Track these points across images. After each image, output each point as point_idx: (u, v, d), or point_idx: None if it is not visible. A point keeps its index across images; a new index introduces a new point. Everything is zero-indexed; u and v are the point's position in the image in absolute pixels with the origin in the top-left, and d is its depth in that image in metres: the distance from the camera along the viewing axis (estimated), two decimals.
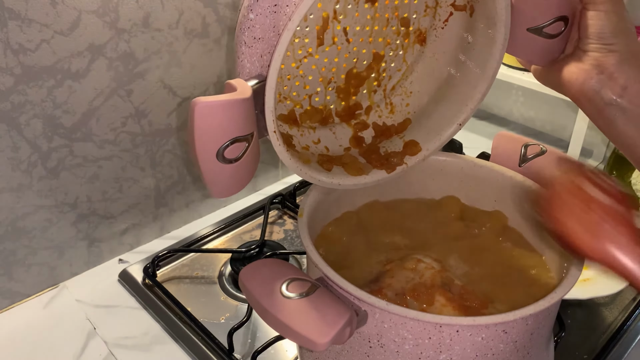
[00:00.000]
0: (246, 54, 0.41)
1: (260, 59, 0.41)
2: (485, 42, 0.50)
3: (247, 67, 0.41)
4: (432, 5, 0.54)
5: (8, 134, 0.60)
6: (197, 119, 0.36)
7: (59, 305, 0.69)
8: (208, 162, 0.38)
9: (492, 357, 0.41)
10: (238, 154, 0.40)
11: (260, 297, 0.39)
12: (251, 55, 0.41)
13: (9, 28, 0.56)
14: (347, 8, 0.49)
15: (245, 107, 0.39)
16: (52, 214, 0.67)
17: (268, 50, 0.41)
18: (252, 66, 0.41)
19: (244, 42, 0.41)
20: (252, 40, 0.40)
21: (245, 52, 0.41)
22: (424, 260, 0.50)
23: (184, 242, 0.78)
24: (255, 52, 0.41)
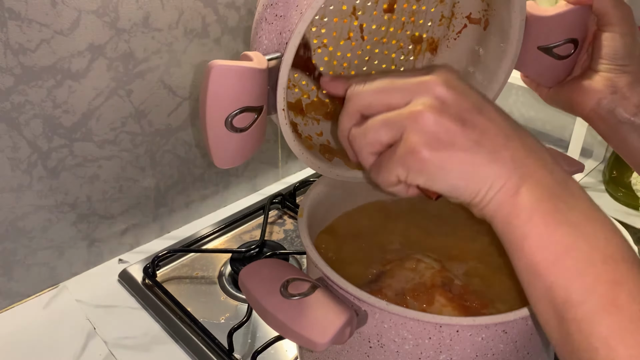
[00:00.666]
0: (265, 31, 0.41)
1: (279, 36, 0.40)
2: (496, 55, 0.51)
3: (264, 44, 0.41)
4: (447, 15, 0.54)
5: (8, 134, 0.60)
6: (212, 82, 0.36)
7: (59, 305, 0.69)
8: (216, 128, 0.38)
9: (492, 357, 0.41)
10: (246, 124, 0.39)
11: (260, 297, 0.39)
12: (270, 32, 0.40)
13: (9, 28, 0.56)
14: (367, 5, 0.49)
15: (260, 78, 0.38)
16: (52, 214, 0.67)
17: (288, 27, 0.40)
18: (270, 43, 0.41)
19: (265, 19, 0.40)
20: (273, 17, 0.40)
21: (265, 29, 0.41)
22: (424, 260, 0.50)
23: (184, 242, 0.78)
24: (274, 29, 0.40)
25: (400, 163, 0.34)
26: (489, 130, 0.33)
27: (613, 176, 0.91)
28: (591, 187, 0.93)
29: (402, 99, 0.35)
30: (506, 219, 0.33)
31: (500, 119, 0.35)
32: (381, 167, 0.36)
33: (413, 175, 0.34)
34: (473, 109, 0.34)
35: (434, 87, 0.34)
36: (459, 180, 0.33)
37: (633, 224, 0.82)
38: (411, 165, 0.34)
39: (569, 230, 0.32)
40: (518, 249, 0.33)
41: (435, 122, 0.33)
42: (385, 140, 0.35)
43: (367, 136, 0.36)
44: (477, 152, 0.33)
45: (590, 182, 0.94)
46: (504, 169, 0.33)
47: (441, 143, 0.33)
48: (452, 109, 0.33)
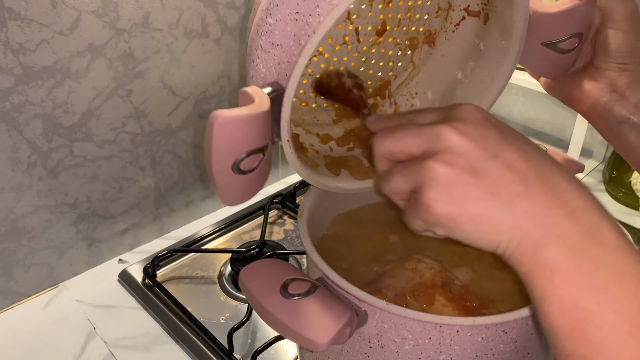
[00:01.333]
0: (262, 59, 0.40)
1: (278, 66, 0.39)
2: (498, 51, 0.50)
3: (262, 72, 0.40)
4: (444, 7, 0.53)
5: (8, 134, 0.60)
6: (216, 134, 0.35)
7: (59, 305, 0.69)
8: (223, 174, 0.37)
9: (492, 357, 0.41)
10: (253, 165, 0.39)
11: (260, 297, 0.39)
12: (267, 60, 0.40)
13: (9, 28, 0.56)
14: (361, 8, 0.49)
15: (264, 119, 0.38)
16: (52, 214, 0.67)
17: (287, 58, 0.39)
18: (268, 72, 0.40)
19: (260, 47, 0.39)
20: (269, 45, 0.39)
21: (262, 57, 0.40)
22: (424, 260, 0.50)
23: (184, 242, 0.78)
24: (272, 58, 0.39)
25: (417, 216, 0.34)
26: (504, 178, 0.32)
27: (613, 176, 0.91)
28: (591, 187, 0.93)
29: (418, 147, 0.34)
30: (527, 275, 0.32)
31: (520, 161, 0.32)
32: (407, 215, 0.36)
33: (432, 227, 0.34)
34: (487, 155, 0.32)
35: (445, 135, 0.33)
36: (476, 233, 0.32)
37: (633, 224, 0.82)
38: (427, 219, 0.33)
39: (593, 294, 0.30)
40: (540, 308, 0.32)
41: (445, 174, 0.32)
42: (406, 190, 0.35)
43: (390, 185, 0.36)
44: (491, 204, 0.32)
45: (590, 182, 0.94)
46: (521, 222, 0.31)
47: (452, 197, 0.32)
48: (464, 158, 0.32)
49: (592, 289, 0.30)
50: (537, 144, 0.56)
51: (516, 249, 0.32)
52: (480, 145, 0.33)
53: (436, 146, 0.33)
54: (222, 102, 0.79)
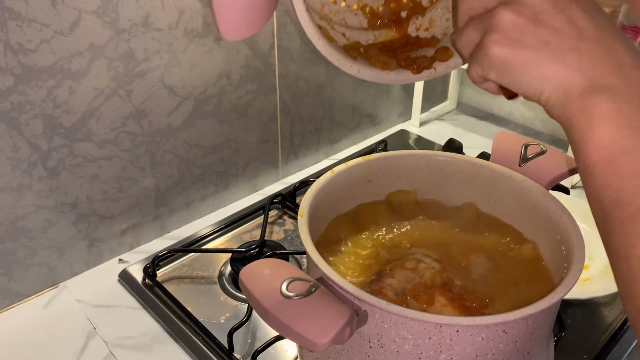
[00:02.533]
0: None
1: None
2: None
3: None
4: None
5: (8, 134, 0.60)
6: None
7: (59, 305, 0.69)
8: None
9: (492, 357, 0.41)
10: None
11: (260, 297, 0.39)
12: None
13: (9, 28, 0.56)
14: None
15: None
16: (52, 214, 0.67)
17: None
18: None
19: None
20: None
21: None
22: (424, 260, 0.50)
23: (184, 242, 0.78)
24: None
25: (475, 60, 0.36)
26: (561, 30, 0.34)
27: None
28: None
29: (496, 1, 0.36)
30: (569, 122, 0.34)
31: (582, 19, 0.34)
32: (468, 65, 0.38)
33: (486, 71, 0.36)
34: (553, 9, 0.34)
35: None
36: (523, 79, 0.34)
37: None
38: (482, 61, 0.36)
39: (629, 133, 0.32)
40: (578, 152, 0.34)
41: (509, 21, 0.34)
42: (475, 40, 0.37)
43: (461, 37, 0.38)
44: (543, 52, 0.33)
45: None
46: (568, 70, 0.33)
47: (510, 40, 0.34)
48: (531, 9, 0.34)
49: (630, 129, 0.32)
50: (537, 143, 0.56)
51: (560, 97, 0.34)
52: (551, 1, 0.34)
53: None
54: (222, 102, 0.79)
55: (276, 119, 0.88)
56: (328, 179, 0.54)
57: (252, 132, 0.85)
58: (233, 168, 0.85)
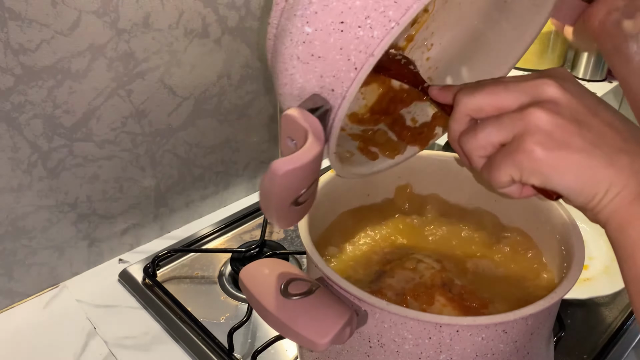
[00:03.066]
0: (299, 69, 0.36)
1: (320, 79, 0.36)
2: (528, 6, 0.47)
3: (299, 83, 0.37)
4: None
5: (8, 134, 0.60)
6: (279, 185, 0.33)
7: (59, 305, 0.69)
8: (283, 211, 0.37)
9: (492, 357, 0.41)
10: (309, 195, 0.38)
11: (260, 297, 0.39)
12: (306, 72, 0.36)
13: (9, 28, 0.56)
14: None
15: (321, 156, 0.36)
16: (52, 214, 0.67)
17: (332, 72, 0.35)
18: (307, 84, 0.37)
19: (297, 57, 0.36)
20: (308, 56, 0.36)
21: (299, 67, 0.36)
22: (424, 261, 0.50)
23: (184, 242, 0.78)
24: (312, 70, 0.36)
25: (513, 163, 0.33)
26: (605, 133, 0.33)
27: None
28: None
29: (514, 100, 0.34)
30: (620, 226, 0.33)
31: (618, 122, 0.33)
32: (493, 167, 0.35)
33: (527, 175, 0.33)
34: (588, 111, 0.33)
35: (547, 88, 0.33)
36: (575, 183, 0.32)
37: None
38: (525, 165, 0.33)
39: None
40: (629, 259, 0.32)
41: (549, 121, 0.32)
42: (496, 141, 0.34)
43: (477, 138, 0.35)
44: (594, 155, 0.32)
45: None
46: (622, 174, 0.32)
47: (556, 142, 0.32)
48: (567, 110, 0.33)
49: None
50: None
51: (611, 202, 0.32)
52: (582, 102, 0.33)
53: (538, 97, 0.33)
54: (222, 102, 0.79)
55: (276, 119, 0.88)
56: (328, 179, 0.54)
57: (252, 132, 0.85)
58: (233, 168, 0.85)
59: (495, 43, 0.50)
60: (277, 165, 0.32)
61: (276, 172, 0.32)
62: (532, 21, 0.47)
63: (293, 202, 0.36)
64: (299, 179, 0.35)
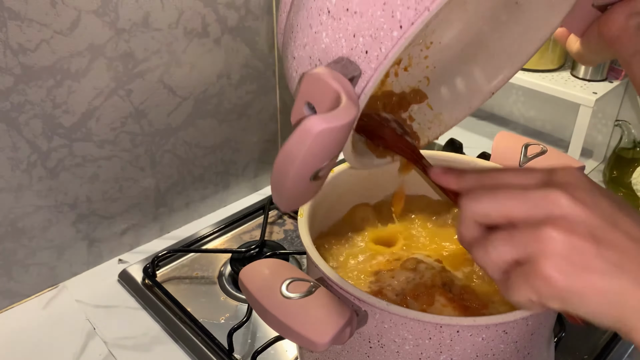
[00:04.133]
0: (327, 27, 0.32)
1: (352, 38, 0.31)
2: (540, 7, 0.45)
3: (324, 43, 0.32)
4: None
5: (7, 134, 0.60)
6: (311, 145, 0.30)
7: (58, 305, 0.69)
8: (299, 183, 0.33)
9: (492, 357, 0.41)
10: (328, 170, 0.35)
11: (260, 297, 0.39)
12: (336, 29, 0.32)
13: (9, 28, 0.56)
14: None
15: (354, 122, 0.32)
16: (52, 214, 0.67)
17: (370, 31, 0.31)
18: (334, 44, 0.32)
19: (327, 11, 0.32)
20: (342, 11, 0.31)
21: (327, 24, 0.32)
22: (424, 261, 0.50)
23: (184, 242, 0.78)
24: (344, 28, 0.31)
25: (530, 288, 0.31)
26: (629, 250, 0.30)
27: (613, 176, 0.90)
28: None
29: (524, 212, 0.32)
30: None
31: (637, 230, 0.31)
32: (511, 288, 0.32)
33: (546, 300, 0.31)
34: (605, 224, 0.30)
35: (559, 201, 0.31)
36: (600, 307, 0.30)
37: None
38: (543, 292, 0.30)
39: None
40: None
41: (565, 243, 0.30)
42: (509, 259, 0.32)
43: (489, 255, 0.32)
44: (619, 278, 0.29)
45: None
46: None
47: (575, 267, 0.29)
48: (582, 226, 0.30)
49: None
50: (537, 143, 0.56)
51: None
52: (597, 214, 0.31)
53: (549, 212, 0.31)
54: (222, 102, 0.78)
55: (276, 119, 0.88)
56: (328, 178, 0.54)
57: (252, 132, 0.85)
58: (233, 168, 0.85)
59: (500, 46, 0.48)
60: (312, 122, 0.28)
61: (311, 130, 0.29)
62: (545, 24, 0.46)
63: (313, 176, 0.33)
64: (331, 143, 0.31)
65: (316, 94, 0.31)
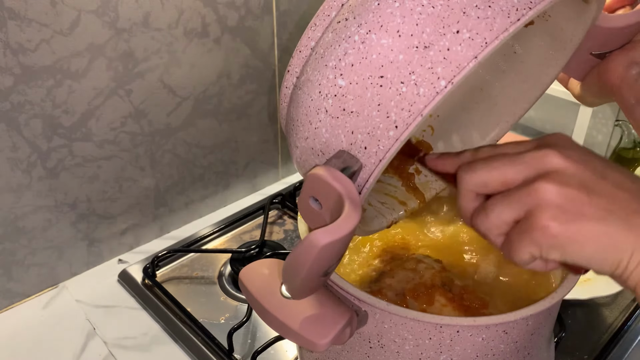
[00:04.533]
0: (326, 124, 0.33)
1: (350, 135, 0.33)
2: (540, 58, 0.46)
3: (324, 137, 0.34)
4: None
5: (7, 134, 0.60)
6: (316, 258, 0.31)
7: (58, 305, 0.69)
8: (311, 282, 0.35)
9: (492, 357, 0.41)
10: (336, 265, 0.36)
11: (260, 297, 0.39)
12: (335, 127, 0.33)
13: (9, 28, 0.56)
14: None
15: None
16: (52, 214, 0.67)
17: (367, 129, 0.32)
18: (334, 139, 0.34)
19: (325, 110, 0.33)
20: (339, 110, 0.33)
21: (325, 121, 0.33)
22: (424, 261, 0.50)
23: (184, 242, 0.78)
24: (342, 125, 0.33)
25: (530, 241, 0.32)
26: (617, 196, 0.32)
27: None
28: None
29: (518, 174, 0.33)
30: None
31: (628, 182, 0.32)
32: (512, 247, 0.33)
33: (546, 252, 0.32)
34: (595, 176, 0.32)
35: (551, 158, 0.33)
36: (596, 253, 0.31)
37: None
38: (542, 242, 0.32)
39: None
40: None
41: (559, 194, 0.31)
42: (509, 220, 0.33)
43: (489, 219, 0.34)
44: (611, 221, 0.31)
45: None
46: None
47: (569, 215, 0.31)
48: (573, 178, 0.32)
49: None
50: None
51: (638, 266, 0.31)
52: (588, 167, 0.32)
53: (542, 169, 0.32)
54: (222, 102, 0.78)
55: (276, 119, 0.88)
56: None
57: (252, 132, 0.85)
58: (233, 168, 0.85)
59: (500, 94, 0.49)
60: (316, 237, 0.30)
61: (316, 245, 0.30)
62: (543, 74, 0.47)
63: (323, 274, 0.34)
64: (336, 250, 0.33)
65: (320, 192, 0.33)
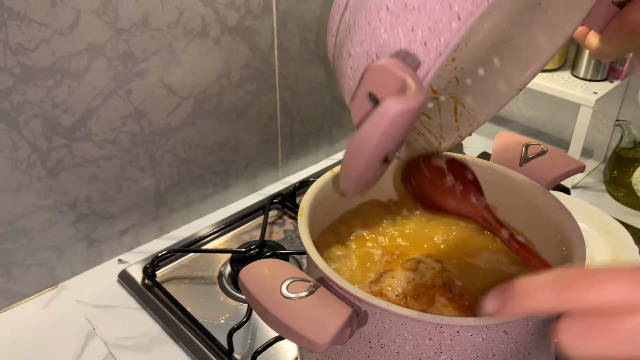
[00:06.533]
0: (385, 22, 0.33)
1: (410, 32, 0.32)
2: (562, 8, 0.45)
3: (382, 38, 0.33)
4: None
5: (7, 134, 0.60)
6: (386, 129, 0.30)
7: (58, 305, 0.69)
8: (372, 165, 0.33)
9: (492, 357, 0.41)
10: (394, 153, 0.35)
11: (260, 297, 0.39)
12: (395, 25, 0.32)
13: (9, 28, 0.56)
14: None
15: None
16: (52, 214, 0.67)
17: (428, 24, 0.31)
18: (393, 38, 0.33)
19: (386, 8, 0.33)
20: (401, 8, 0.32)
21: (385, 20, 0.33)
22: (425, 261, 0.50)
23: (184, 242, 0.78)
24: (402, 23, 0.32)
25: None
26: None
27: (614, 176, 0.90)
28: (592, 187, 0.93)
29: None
30: None
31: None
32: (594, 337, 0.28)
33: None
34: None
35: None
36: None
37: (634, 224, 0.82)
38: None
39: None
40: None
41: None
42: None
43: None
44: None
45: (590, 182, 0.94)
46: None
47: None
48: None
49: None
50: (538, 143, 0.56)
51: None
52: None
53: None
54: (222, 102, 0.78)
55: (276, 119, 0.87)
56: (328, 178, 0.54)
57: (252, 132, 0.85)
58: (233, 168, 0.85)
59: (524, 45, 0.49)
60: (390, 104, 0.29)
61: (388, 112, 0.29)
62: (567, 23, 0.46)
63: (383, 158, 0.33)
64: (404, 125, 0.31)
65: (380, 84, 0.32)
